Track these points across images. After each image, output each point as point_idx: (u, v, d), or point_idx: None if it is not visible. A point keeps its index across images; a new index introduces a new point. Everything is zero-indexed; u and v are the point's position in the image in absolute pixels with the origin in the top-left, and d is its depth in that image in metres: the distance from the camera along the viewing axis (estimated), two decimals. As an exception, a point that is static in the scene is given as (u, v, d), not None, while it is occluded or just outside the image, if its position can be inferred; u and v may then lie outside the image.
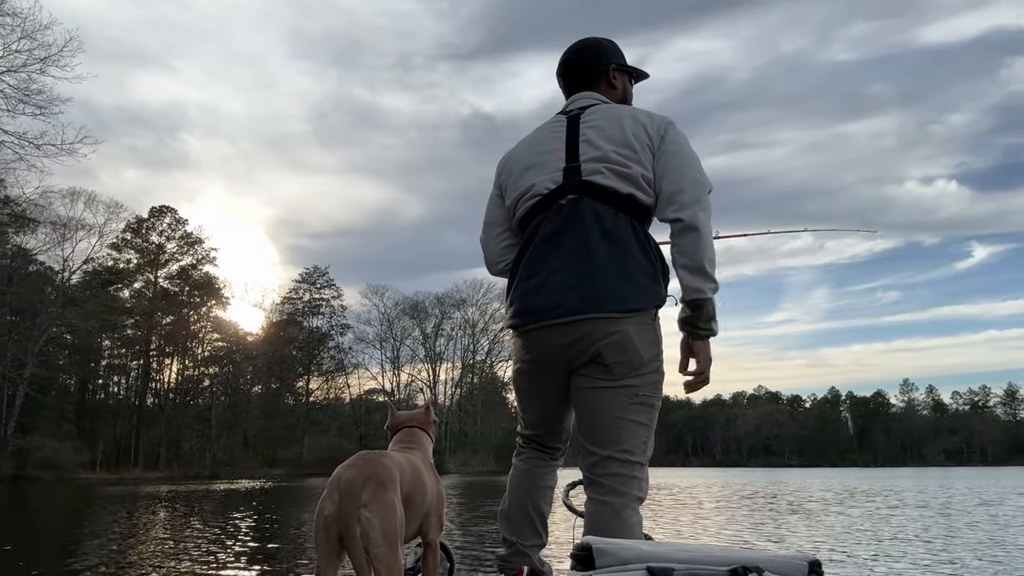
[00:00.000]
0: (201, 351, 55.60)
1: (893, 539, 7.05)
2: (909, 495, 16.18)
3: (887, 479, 31.31)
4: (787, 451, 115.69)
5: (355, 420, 60.82)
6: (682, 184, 1.96)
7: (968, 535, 7.43)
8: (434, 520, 1.98)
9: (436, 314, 66.00)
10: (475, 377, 66.05)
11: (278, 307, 61.17)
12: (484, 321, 66.13)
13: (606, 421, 1.95)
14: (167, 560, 5.64)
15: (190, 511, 12.09)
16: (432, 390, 64.44)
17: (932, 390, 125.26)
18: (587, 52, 2.25)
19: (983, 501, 13.64)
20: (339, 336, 62.79)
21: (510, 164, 2.21)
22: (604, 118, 2.07)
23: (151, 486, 26.97)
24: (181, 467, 46.36)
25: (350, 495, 1.63)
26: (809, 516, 10.13)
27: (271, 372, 57.64)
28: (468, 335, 66.22)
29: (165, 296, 52.86)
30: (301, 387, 60.52)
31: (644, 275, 1.98)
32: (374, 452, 1.79)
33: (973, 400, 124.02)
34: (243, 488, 23.88)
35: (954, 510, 11.28)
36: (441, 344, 66.36)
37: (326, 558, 1.64)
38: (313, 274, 62.61)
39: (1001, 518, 9.65)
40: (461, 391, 65.24)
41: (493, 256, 2.28)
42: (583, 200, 2.01)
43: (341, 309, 62.63)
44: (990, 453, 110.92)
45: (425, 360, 65.62)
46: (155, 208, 53.83)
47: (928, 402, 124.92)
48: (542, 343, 2.02)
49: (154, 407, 51.91)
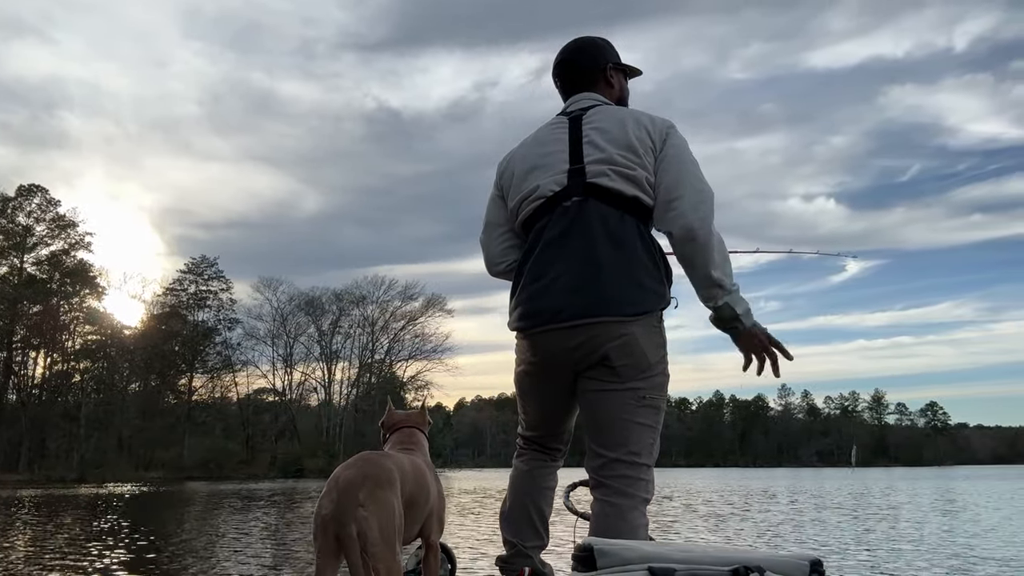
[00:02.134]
0: (72, 344, 51.32)
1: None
2: (806, 496, 16.73)
3: (767, 479, 32.85)
4: (675, 451, 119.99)
5: (242, 421, 57.74)
6: (680, 191, 1.95)
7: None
8: (435, 522, 1.96)
9: (333, 311, 63.63)
10: (373, 376, 64.15)
11: (160, 299, 57.06)
12: (384, 319, 64.51)
13: (613, 423, 1.95)
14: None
15: (48, 517, 10.71)
16: (327, 389, 62.23)
17: (807, 395, 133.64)
18: (584, 52, 2.24)
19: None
20: (227, 331, 59.17)
21: (512, 165, 2.19)
22: (606, 120, 2.06)
23: (7, 490, 25.01)
24: (44, 470, 42.48)
25: (348, 494, 1.64)
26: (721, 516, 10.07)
27: (150, 368, 53.71)
28: (367, 333, 64.23)
29: (32, 283, 48.30)
30: (183, 385, 56.60)
31: (650, 278, 1.97)
32: (375, 452, 1.79)
33: (843, 405, 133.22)
34: (108, 492, 22.12)
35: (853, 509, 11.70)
36: (338, 342, 64.06)
37: (325, 558, 1.65)
38: (200, 264, 58.74)
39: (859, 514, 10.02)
40: (358, 391, 63.18)
41: (494, 256, 2.26)
42: (588, 202, 2.00)
43: (230, 303, 59.08)
44: (858, 454, 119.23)
45: (320, 358, 63.18)
46: (23, 187, 49.17)
47: (803, 406, 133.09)
48: (548, 346, 2.01)
49: (16, 404, 47.34)
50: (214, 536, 8.22)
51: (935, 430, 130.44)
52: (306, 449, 54.76)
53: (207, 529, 9.22)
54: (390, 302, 64.05)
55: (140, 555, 6.35)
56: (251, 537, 8.03)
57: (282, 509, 13.56)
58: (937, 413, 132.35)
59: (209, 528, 9.37)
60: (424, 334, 63.21)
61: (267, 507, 14.18)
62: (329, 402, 62.13)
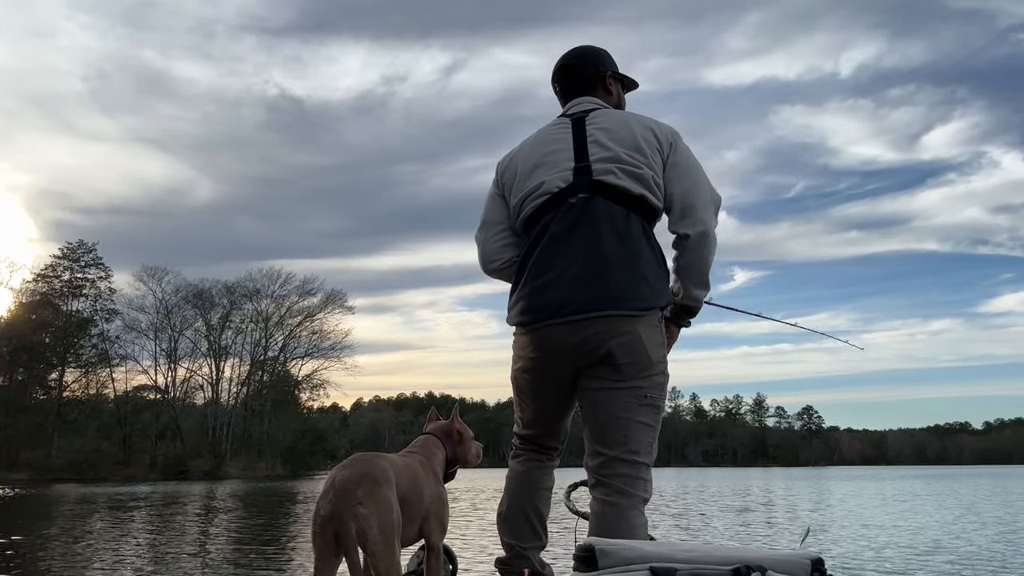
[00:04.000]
0: (-78, 333, 46.50)
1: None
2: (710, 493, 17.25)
3: (658, 478, 33.96)
4: (569, 452, 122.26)
5: (119, 419, 53.86)
6: (695, 200, 2.01)
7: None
8: (435, 523, 1.98)
9: (224, 304, 60.46)
10: (265, 374, 61.53)
11: (30, 286, 52.34)
12: (280, 314, 62.10)
13: (615, 422, 1.94)
14: None
15: None
16: (215, 387, 59.23)
17: (695, 398, 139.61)
18: (585, 59, 2.28)
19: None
20: (104, 323, 55.05)
21: (514, 163, 2.20)
22: (611, 121, 2.10)
23: None
24: None
25: (345, 493, 1.66)
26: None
27: (16, 361, 49.26)
28: (260, 329, 61.48)
29: None
30: (54, 380, 52.33)
31: (654, 276, 2.00)
32: (369, 453, 1.83)
33: (728, 408, 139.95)
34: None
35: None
36: (228, 337, 61.05)
37: (323, 558, 1.66)
38: (77, 250, 54.30)
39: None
40: (248, 389, 60.43)
41: (491, 254, 2.25)
42: (595, 199, 2.02)
43: (109, 292, 54.84)
44: (740, 455, 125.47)
45: (208, 354, 59.91)
46: None
47: (691, 408, 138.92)
48: (551, 341, 1.99)
49: None
50: (76, 540, 7.52)
51: (810, 432, 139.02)
52: (190, 450, 51.84)
53: (74, 534, 8.44)
54: (286, 297, 61.81)
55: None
56: (118, 542, 7.40)
57: (158, 511, 12.71)
58: (812, 416, 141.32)
59: (75, 533, 8.59)
60: (322, 331, 61.44)
61: (141, 509, 13.27)
62: (216, 401, 58.97)
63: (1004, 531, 8.58)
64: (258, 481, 37.45)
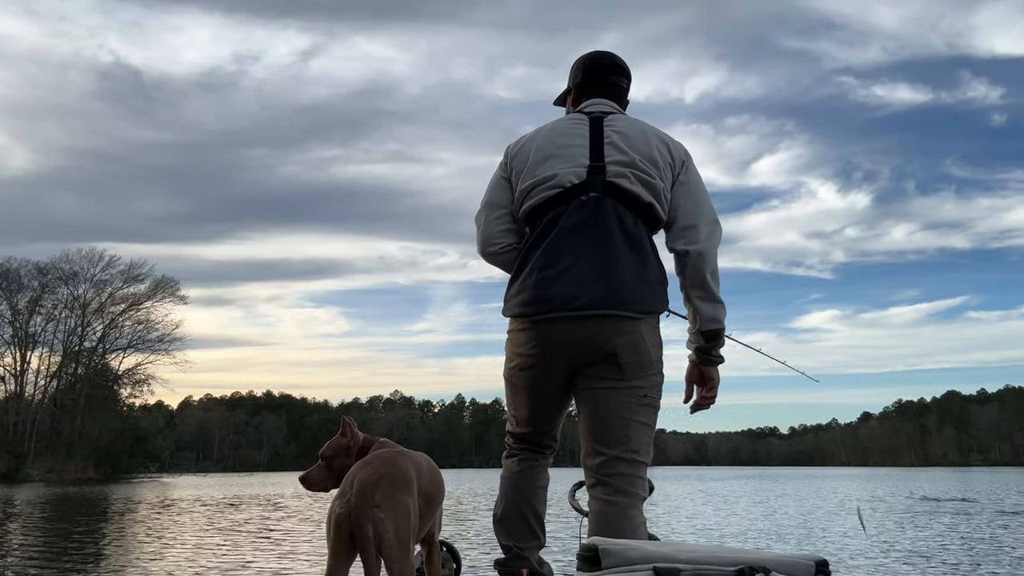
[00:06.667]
0: None
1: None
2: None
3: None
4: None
5: None
6: (696, 221, 2.06)
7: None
8: (439, 520, 2.02)
9: (34, 287, 54.28)
10: (80, 367, 55.80)
11: None
12: (100, 301, 56.66)
13: (615, 421, 1.98)
14: None
15: None
16: (18, 380, 52.91)
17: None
18: (623, 69, 2.28)
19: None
20: None
21: (526, 149, 2.18)
22: (628, 127, 2.12)
23: None
24: None
25: (363, 495, 1.67)
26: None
27: None
28: (76, 316, 55.77)
29: None
30: None
31: (657, 281, 2.06)
32: (392, 451, 1.83)
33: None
34: None
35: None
36: (37, 324, 54.80)
37: (338, 557, 1.67)
38: None
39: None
40: (59, 383, 54.53)
41: (490, 237, 2.22)
42: (606, 200, 2.04)
43: None
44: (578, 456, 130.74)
45: (12, 342, 53.43)
46: None
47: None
48: (554, 335, 2.00)
49: None
50: None
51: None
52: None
53: None
54: (109, 282, 56.55)
55: None
56: None
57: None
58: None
59: None
60: (149, 321, 56.84)
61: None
62: (20, 395, 52.62)
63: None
64: (65, 485, 33.79)
